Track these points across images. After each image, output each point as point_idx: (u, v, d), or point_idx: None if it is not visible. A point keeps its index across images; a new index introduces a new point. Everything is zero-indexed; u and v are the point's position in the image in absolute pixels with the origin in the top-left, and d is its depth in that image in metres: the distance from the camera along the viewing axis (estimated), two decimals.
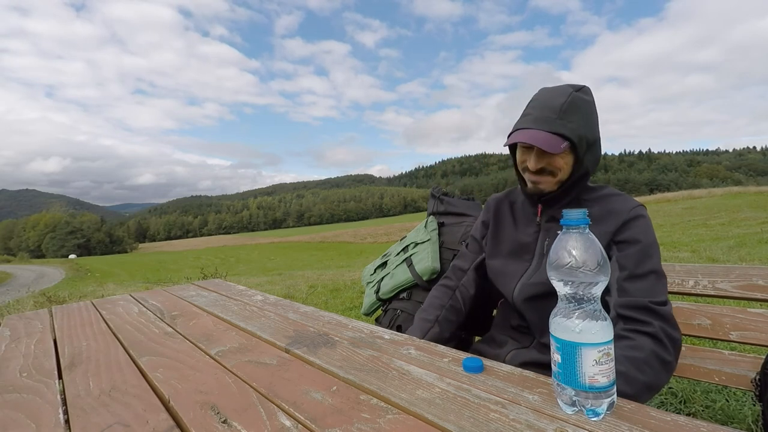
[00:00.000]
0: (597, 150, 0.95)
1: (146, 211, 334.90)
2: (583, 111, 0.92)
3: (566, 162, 0.92)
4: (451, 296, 1.15)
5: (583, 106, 0.92)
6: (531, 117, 0.93)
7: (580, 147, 0.90)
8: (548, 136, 0.89)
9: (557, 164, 0.92)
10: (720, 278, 1.05)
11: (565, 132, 0.88)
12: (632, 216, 0.90)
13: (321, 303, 4.82)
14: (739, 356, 1.03)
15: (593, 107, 0.95)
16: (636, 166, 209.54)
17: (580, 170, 0.93)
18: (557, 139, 0.89)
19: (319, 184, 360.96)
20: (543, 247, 0.99)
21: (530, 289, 0.96)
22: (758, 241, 6.04)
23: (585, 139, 0.91)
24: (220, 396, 0.68)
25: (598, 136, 0.95)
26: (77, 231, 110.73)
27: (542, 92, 0.96)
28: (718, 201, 15.12)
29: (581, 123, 0.90)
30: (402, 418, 0.58)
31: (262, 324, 1.08)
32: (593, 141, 0.93)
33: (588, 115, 0.92)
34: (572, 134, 0.88)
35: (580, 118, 0.91)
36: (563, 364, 0.55)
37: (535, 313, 0.97)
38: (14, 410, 0.68)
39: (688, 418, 0.53)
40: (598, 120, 0.96)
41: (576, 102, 0.91)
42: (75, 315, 1.31)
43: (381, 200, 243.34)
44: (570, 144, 0.89)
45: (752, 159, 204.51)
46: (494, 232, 1.11)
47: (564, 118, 0.89)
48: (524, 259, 1.01)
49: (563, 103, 0.90)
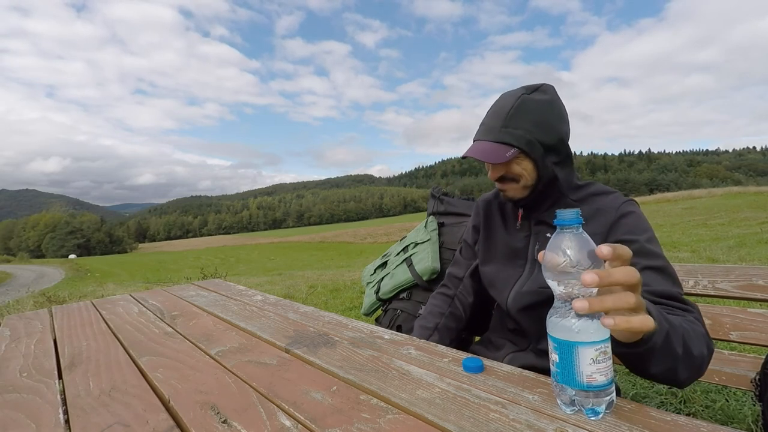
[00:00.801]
0: (562, 149, 0.91)
1: (146, 211, 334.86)
2: (533, 114, 0.88)
3: (524, 168, 0.90)
4: (450, 304, 1.15)
5: (534, 109, 0.88)
6: (483, 127, 0.93)
7: (532, 152, 0.87)
8: (492, 146, 0.88)
9: (514, 171, 0.90)
10: (720, 278, 1.05)
11: (508, 140, 0.87)
12: (621, 214, 0.87)
13: (321, 303, 4.82)
14: (739, 356, 1.03)
15: (551, 106, 0.90)
16: (636, 166, 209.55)
17: (546, 173, 0.90)
18: (502, 148, 0.87)
19: (319, 184, 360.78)
20: (534, 252, 0.96)
21: (524, 298, 0.94)
22: (758, 241, 6.05)
23: (538, 143, 0.87)
24: (220, 396, 0.68)
25: (559, 136, 0.90)
26: (77, 231, 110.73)
27: (499, 98, 0.94)
28: (718, 201, 15.13)
29: (530, 127, 0.87)
30: (402, 418, 0.58)
31: (262, 324, 1.08)
32: (552, 141, 0.89)
33: (541, 117, 0.88)
34: (518, 141, 0.86)
35: (529, 121, 0.88)
36: (561, 363, 0.55)
37: (531, 322, 0.96)
38: (14, 410, 0.68)
39: (688, 418, 0.53)
40: (560, 118, 0.91)
41: (525, 106, 0.88)
42: (75, 315, 1.31)
43: (381, 200, 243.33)
44: (519, 150, 0.87)
45: (752, 159, 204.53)
46: (485, 237, 1.08)
47: (509, 125, 0.88)
48: (517, 265, 0.99)
49: (510, 109, 0.88)
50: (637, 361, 0.63)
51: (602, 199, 0.91)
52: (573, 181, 0.96)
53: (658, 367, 0.64)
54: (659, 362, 0.63)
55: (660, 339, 0.59)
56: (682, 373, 0.66)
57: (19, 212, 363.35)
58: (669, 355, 0.62)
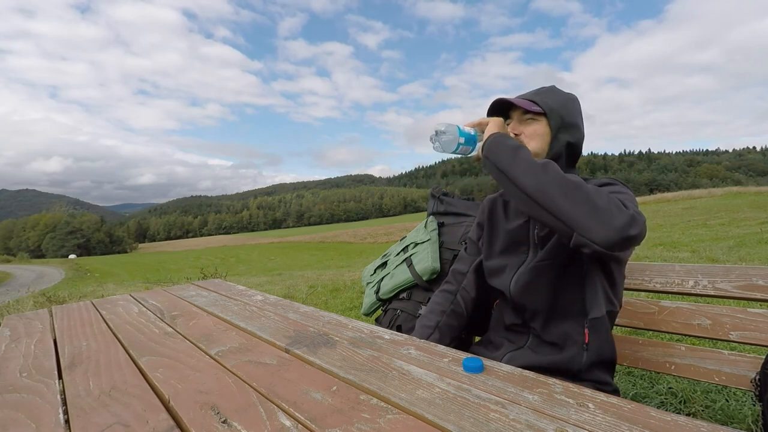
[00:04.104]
0: (575, 134, 1.01)
1: (146, 211, 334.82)
2: (560, 97, 1.01)
3: (540, 132, 0.99)
4: (453, 300, 1.16)
5: (562, 94, 1.02)
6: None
7: (552, 118, 0.97)
8: (521, 100, 1.00)
9: (530, 132, 0.99)
10: (720, 278, 1.05)
11: (537, 100, 0.99)
12: (601, 183, 0.94)
13: (321, 303, 4.82)
14: (739, 356, 1.03)
15: (573, 101, 1.03)
16: (636, 166, 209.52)
17: (557, 147, 0.99)
18: (529, 103, 0.99)
19: (319, 184, 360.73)
20: (535, 237, 1.00)
21: (525, 276, 0.98)
22: (758, 241, 6.04)
23: (559, 114, 0.98)
24: (220, 396, 0.68)
25: (576, 123, 1.01)
26: (77, 231, 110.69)
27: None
28: (718, 201, 15.12)
29: (556, 101, 1.00)
30: (402, 418, 0.58)
31: (262, 324, 1.07)
32: (570, 123, 1.00)
33: (567, 101, 1.01)
34: (544, 105, 0.98)
35: (556, 99, 1.00)
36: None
37: (533, 302, 0.98)
38: (14, 410, 0.68)
39: (688, 418, 0.53)
40: (580, 114, 1.03)
41: (553, 89, 1.03)
42: (75, 315, 1.31)
43: (381, 200, 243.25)
44: (543, 114, 0.98)
45: (752, 159, 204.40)
46: (489, 233, 1.11)
47: (539, 94, 1.01)
48: (520, 252, 1.02)
49: (541, 88, 1.04)
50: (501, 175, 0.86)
51: (589, 182, 0.98)
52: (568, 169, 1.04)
53: (525, 180, 0.80)
54: (524, 176, 0.80)
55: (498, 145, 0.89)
56: (559, 200, 0.77)
57: (19, 212, 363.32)
58: (522, 168, 0.82)
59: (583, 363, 0.94)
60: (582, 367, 0.94)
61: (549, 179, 0.79)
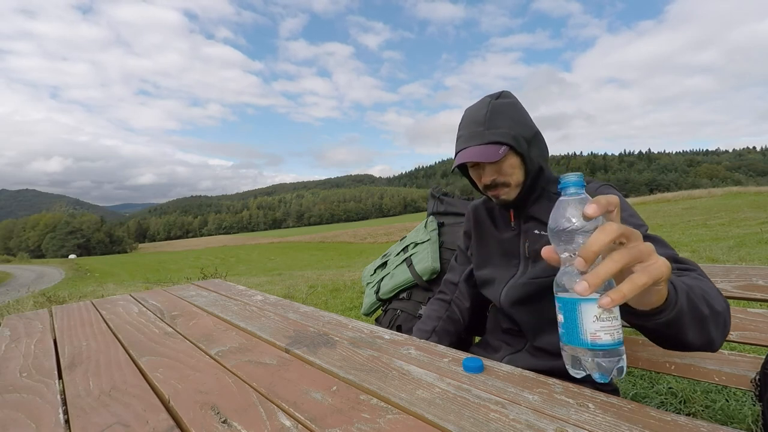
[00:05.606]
0: (539, 142, 0.97)
1: (146, 211, 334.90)
2: (506, 114, 0.95)
3: (514, 164, 0.94)
4: (447, 308, 1.16)
5: (505, 110, 0.95)
6: (463, 137, 0.97)
7: (519, 146, 0.92)
8: (482, 148, 0.92)
9: (507, 170, 0.94)
10: (720, 278, 1.05)
11: (496, 139, 0.92)
12: (598, 193, 0.90)
13: (321, 303, 4.82)
14: (739, 356, 1.03)
15: (517, 106, 0.97)
16: (636, 167, 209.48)
17: (533, 166, 0.95)
18: (492, 147, 0.92)
19: (319, 184, 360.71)
20: (525, 251, 0.98)
21: (516, 290, 0.96)
22: (758, 241, 6.04)
23: (521, 137, 0.93)
24: (220, 396, 0.68)
25: (534, 129, 0.96)
26: (77, 231, 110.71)
27: (466, 112, 1.00)
28: (718, 201, 15.12)
29: (509, 124, 0.93)
30: (402, 418, 0.58)
31: (262, 324, 1.08)
32: (531, 136, 0.95)
33: (514, 115, 0.95)
34: (504, 137, 0.91)
35: (506, 120, 0.94)
36: (565, 323, 0.54)
37: (524, 315, 0.97)
38: (14, 410, 0.68)
39: (688, 418, 0.53)
40: (528, 116, 0.98)
41: (496, 108, 0.95)
42: (75, 315, 1.31)
43: (381, 200, 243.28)
44: (508, 147, 0.91)
45: (752, 159, 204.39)
46: (477, 242, 1.10)
47: (491, 127, 0.93)
48: (512, 265, 1.00)
49: (485, 114, 0.94)
50: (669, 330, 0.59)
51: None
52: (552, 174, 1.01)
53: (693, 331, 0.60)
54: (692, 326, 0.59)
55: (684, 300, 0.57)
56: (713, 332, 0.63)
57: (19, 212, 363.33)
58: (697, 316, 0.59)
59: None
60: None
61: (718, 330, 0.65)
